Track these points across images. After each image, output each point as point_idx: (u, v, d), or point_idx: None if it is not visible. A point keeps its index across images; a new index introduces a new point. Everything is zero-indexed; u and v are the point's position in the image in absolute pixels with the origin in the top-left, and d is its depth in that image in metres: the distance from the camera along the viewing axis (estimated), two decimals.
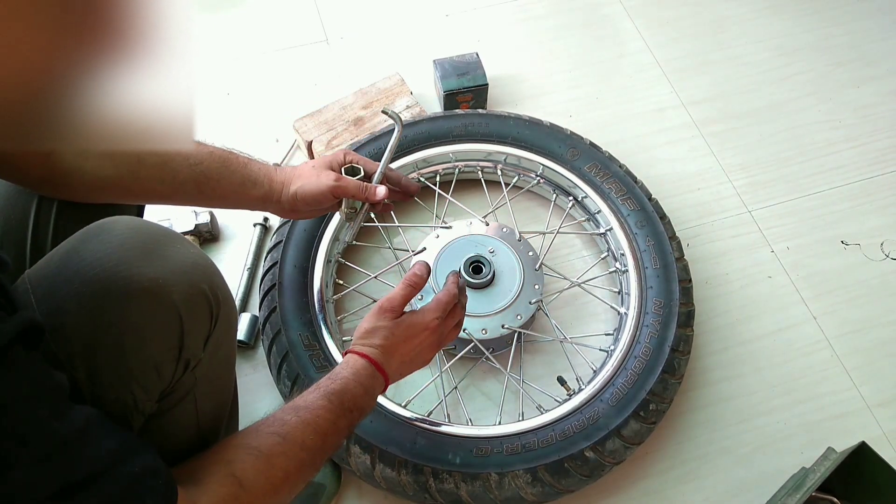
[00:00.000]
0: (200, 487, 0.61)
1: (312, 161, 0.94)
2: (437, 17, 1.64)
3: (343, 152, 0.96)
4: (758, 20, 1.67)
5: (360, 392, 0.78)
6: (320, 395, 0.74)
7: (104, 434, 0.52)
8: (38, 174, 0.73)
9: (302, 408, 0.72)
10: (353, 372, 0.79)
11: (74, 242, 0.63)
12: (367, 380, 0.80)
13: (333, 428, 0.72)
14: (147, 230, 0.65)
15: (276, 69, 1.54)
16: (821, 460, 1.03)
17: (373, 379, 0.80)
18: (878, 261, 1.33)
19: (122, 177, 0.78)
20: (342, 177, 0.92)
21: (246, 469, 0.64)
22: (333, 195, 0.91)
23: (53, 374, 0.51)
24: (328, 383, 0.76)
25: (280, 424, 0.69)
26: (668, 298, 1.12)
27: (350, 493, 1.06)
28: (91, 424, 0.51)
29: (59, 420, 0.48)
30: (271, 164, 0.92)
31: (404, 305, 0.88)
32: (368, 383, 0.79)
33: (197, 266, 0.66)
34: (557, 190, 1.30)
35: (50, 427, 0.47)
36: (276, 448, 0.66)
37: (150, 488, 0.53)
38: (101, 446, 0.51)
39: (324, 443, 0.71)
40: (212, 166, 0.84)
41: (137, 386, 0.63)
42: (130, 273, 0.61)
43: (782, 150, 1.47)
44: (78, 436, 0.49)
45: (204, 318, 0.68)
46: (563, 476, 0.98)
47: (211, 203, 0.89)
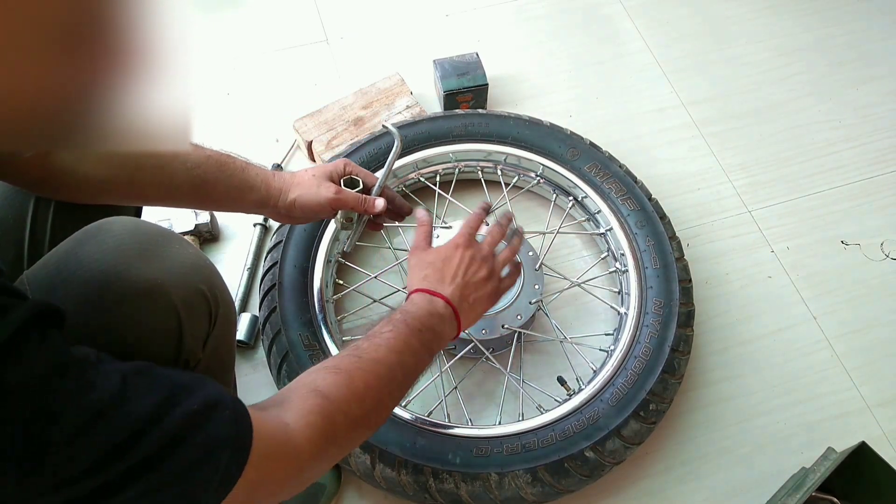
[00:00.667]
0: (286, 406, 0.61)
1: (312, 169, 0.94)
2: (437, 17, 1.64)
3: (343, 162, 0.97)
4: (758, 20, 1.67)
5: (423, 313, 0.79)
6: (385, 323, 0.76)
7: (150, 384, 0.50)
8: (36, 175, 0.73)
9: (372, 335, 0.73)
10: (410, 301, 0.82)
11: (73, 243, 0.63)
12: (424, 303, 0.81)
13: (406, 346, 0.73)
14: (145, 231, 0.65)
15: (276, 69, 1.54)
16: (821, 460, 1.03)
17: (430, 302, 0.82)
18: (878, 261, 1.33)
19: (118, 180, 0.77)
20: (342, 189, 0.93)
21: (328, 383, 0.64)
22: (332, 207, 0.93)
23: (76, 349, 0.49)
24: (391, 314, 0.78)
25: (354, 348, 0.71)
26: (668, 298, 1.12)
27: (350, 493, 1.06)
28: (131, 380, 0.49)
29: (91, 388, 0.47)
30: (269, 169, 0.92)
31: (427, 240, 0.91)
32: (427, 306, 0.81)
33: (196, 267, 0.66)
34: (557, 190, 1.30)
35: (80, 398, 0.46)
36: (354, 363, 0.68)
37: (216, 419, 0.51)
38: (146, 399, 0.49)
39: (401, 359, 0.72)
40: (209, 170, 0.84)
41: None
42: (129, 274, 0.61)
43: (782, 150, 1.47)
44: (114, 399, 0.47)
45: (203, 318, 0.68)
46: (563, 476, 0.98)
47: (208, 206, 0.90)
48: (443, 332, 0.81)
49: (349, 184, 0.96)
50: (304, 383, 0.64)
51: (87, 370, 0.48)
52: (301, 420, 0.59)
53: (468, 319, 0.86)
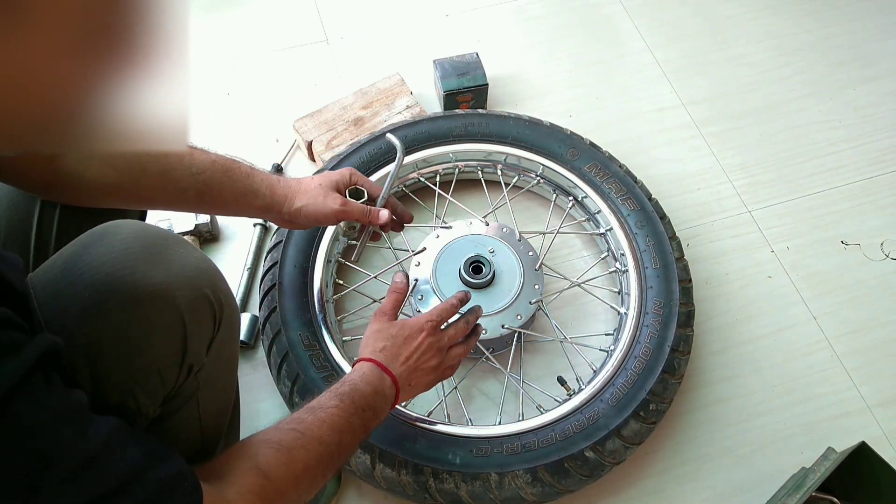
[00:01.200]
0: (226, 481, 0.62)
1: (318, 178, 0.95)
2: (437, 17, 1.64)
3: (349, 172, 0.97)
4: (758, 20, 1.67)
5: (370, 391, 0.80)
6: (332, 396, 0.76)
7: (128, 444, 0.53)
8: (42, 179, 0.73)
9: (316, 408, 0.74)
10: (360, 374, 0.82)
11: (78, 246, 0.63)
12: (374, 379, 0.82)
13: (348, 425, 0.74)
14: (150, 234, 0.65)
15: (276, 69, 1.54)
16: (821, 460, 1.03)
17: (380, 379, 0.83)
18: (878, 261, 1.33)
19: (124, 184, 0.78)
20: (347, 201, 0.94)
21: (269, 461, 0.65)
22: (338, 219, 0.94)
23: (73, 394, 0.51)
24: (338, 386, 0.78)
25: (298, 422, 0.71)
26: (668, 298, 1.12)
27: (350, 493, 1.06)
28: (114, 436, 0.52)
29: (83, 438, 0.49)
30: (274, 176, 0.93)
31: (395, 309, 0.93)
32: (377, 383, 0.82)
33: (200, 270, 0.66)
34: (557, 190, 1.30)
35: (74, 446, 0.48)
36: (296, 442, 0.68)
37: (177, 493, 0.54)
38: (126, 457, 0.52)
39: (340, 439, 0.72)
40: (214, 176, 0.84)
41: (141, 390, 0.63)
42: (134, 278, 0.61)
43: (782, 150, 1.47)
44: (102, 450, 0.50)
45: (207, 322, 0.68)
46: (563, 476, 0.98)
47: (212, 210, 0.91)
48: (382, 412, 0.82)
49: (354, 194, 0.97)
50: (246, 455, 0.65)
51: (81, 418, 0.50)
52: (242, 500, 0.61)
53: (404, 397, 0.88)
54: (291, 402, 1.04)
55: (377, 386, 0.82)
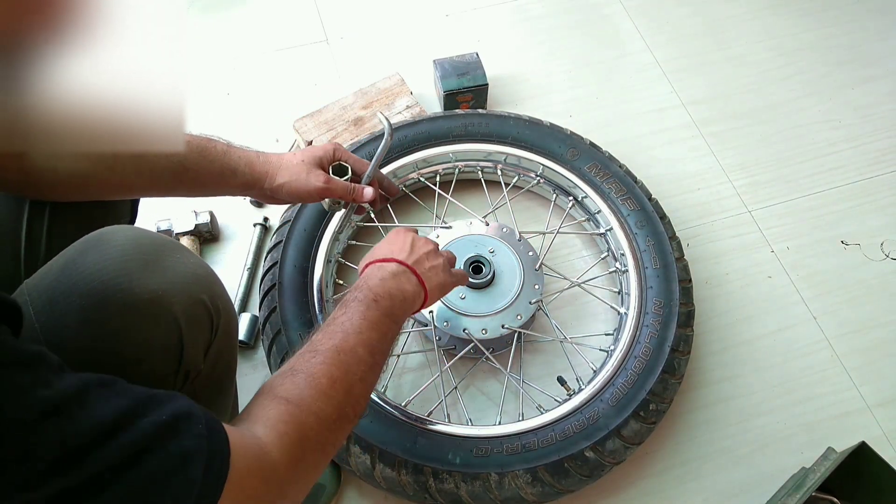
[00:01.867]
0: (251, 419, 0.58)
1: (301, 153, 0.92)
2: (437, 17, 1.64)
3: (333, 147, 0.94)
4: (758, 20, 1.67)
5: (374, 282, 0.76)
6: (336, 308, 0.73)
7: (113, 394, 0.47)
8: (14, 178, 0.71)
9: (325, 324, 0.71)
10: (361, 277, 0.80)
11: (73, 253, 0.63)
12: (373, 271, 0.79)
13: (364, 322, 0.70)
14: (147, 240, 0.64)
15: (276, 69, 1.54)
16: (821, 460, 1.03)
17: (380, 269, 0.80)
18: (878, 261, 1.33)
19: (98, 172, 0.75)
20: (331, 178, 0.92)
21: (288, 387, 0.61)
22: (321, 196, 0.92)
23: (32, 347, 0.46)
24: (343, 298, 0.75)
25: (309, 345, 0.68)
26: (668, 298, 1.12)
27: (350, 493, 1.06)
28: (92, 387, 0.46)
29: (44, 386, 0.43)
30: (253, 151, 0.90)
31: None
32: (377, 272, 0.79)
33: (197, 277, 0.66)
34: (557, 190, 1.30)
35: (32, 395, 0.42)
36: (311, 360, 0.65)
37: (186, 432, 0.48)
38: (110, 404, 0.46)
39: (361, 338, 0.69)
40: (189, 157, 0.81)
41: None
42: (130, 285, 0.60)
43: (782, 150, 1.47)
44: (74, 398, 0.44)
45: (204, 329, 0.67)
46: (563, 476, 0.98)
47: (191, 192, 0.87)
48: (404, 292, 0.78)
49: (337, 170, 0.95)
50: (265, 393, 0.62)
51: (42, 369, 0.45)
52: (271, 431, 0.57)
53: (431, 284, 0.83)
54: None
55: (380, 275, 0.78)
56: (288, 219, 1.18)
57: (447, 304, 1.11)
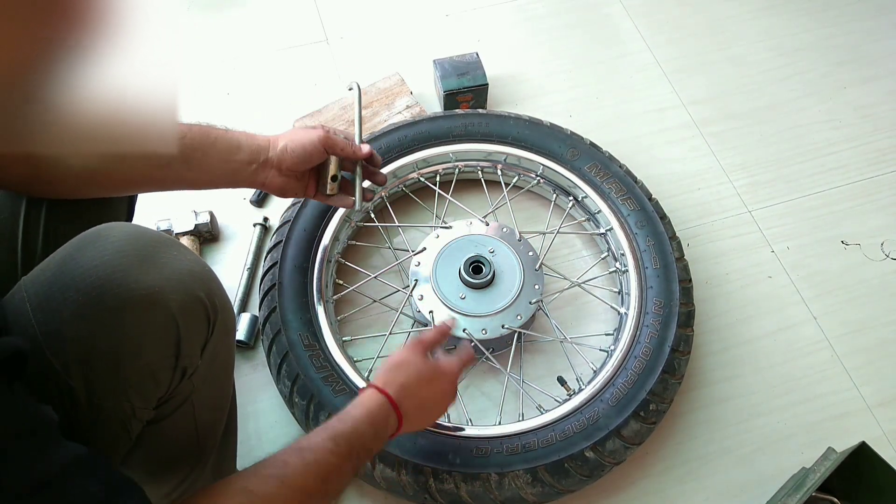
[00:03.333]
0: None
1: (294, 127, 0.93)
2: (437, 17, 1.64)
3: (323, 128, 0.93)
4: (758, 20, 1.67)
5: (371, 434, 0.74)
6: (327, 436, 0.69)
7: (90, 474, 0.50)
8: (22, 173, 0.71)
9: (306, 449, 0.67)
10: (367, 412, 0.75)
11: (70, 250, 0.63)
12: (380, 421, 0.76)
13: (337, 472, 0.68)
14: (143, 237, 0.64)
15: (276, 69, 1.54)
16: (821, 460, 1.03)
17: (386, 420, 0.77)
18: (879, 261, 1.33)
19: (107, 165, 0.75)
20: (331, 129, 0.92)
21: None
22: (323, 146, 0.90)
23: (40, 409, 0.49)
24: (337, 424, 0.71)
25: (281, 466, 0.64)
26: (668, 298, 1.12)
27: (350, 493, 1.06)
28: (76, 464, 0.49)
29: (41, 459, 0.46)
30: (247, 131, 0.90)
31: (433, 346, 0.89)
32: (381, 425, 0.76)
33: (193, 273, 0.66)
34: (557, 190, 1.30)
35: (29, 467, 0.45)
36: (275, 491, 0.62)
37: None
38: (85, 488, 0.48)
39: (326, 486, 0.66)
40: (195, 138, 0.82)
41: (135, 394, 0.63)
42: (127, 281, 0.60)
43: (782, 150, 1.46)
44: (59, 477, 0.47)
45: (201, 325, 0.67)
46: (564, 476, 0.98)
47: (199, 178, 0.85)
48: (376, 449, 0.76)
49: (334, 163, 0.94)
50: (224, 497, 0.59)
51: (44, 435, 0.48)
52: None
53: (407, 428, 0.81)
54: (291, 402, 1.04)
55: (381, 428, 0.76)
56: (288, 219, 1.18)
57: (447, 305, 1.11)
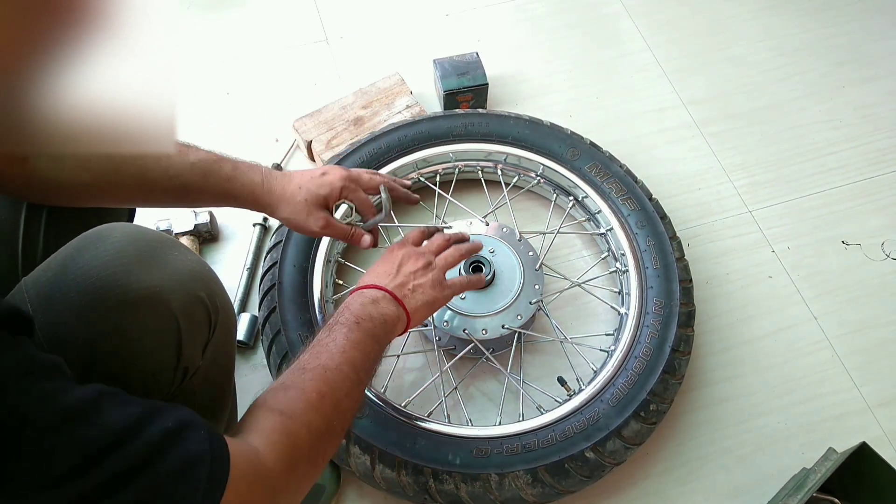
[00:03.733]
0: (247, 430, 0.60)
1: (307, 189, 0.89)
2: (437, 17, 1.64)
3: (341, 186, 0.92)
4: (758, 20, 1.67)
5: (355, 306, 0.79)
6: (320, 331, 0.76)
7: (123, 403, 0.49)
8: (17, 182, 0.72)
9: (311, 346, 0.73)
10: (344, 303, 0.81)
11: (71, 250, 0.63)
12: (355, 297, 0.81)
13: (348, 342, 0.73)
14: (144, 237, 0.64)
15: (276, 69, 1.53)
16: (821, 461, 1.03)
17: (360, 295, 0.82)
18: (879, 261, 1.33)
19: (98, 185, 0.76)
20: (331, 222, 0.91)
21: (280, 401, 0.63)
22: (319, 236, 0.95)
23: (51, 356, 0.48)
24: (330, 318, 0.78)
25: (297, 363, 0.70)
26: (668, 298, 1.12)
27: (350, 493, 1.06)
28: (105, 396, 0.48)
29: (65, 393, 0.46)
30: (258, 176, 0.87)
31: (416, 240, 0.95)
32: (358, 298, 0.81)
33: (194, 273, 0.66)
34: (558, 190, 1.30)
35: (55, 401, 0.45)
36: (300, 376, 0.67)
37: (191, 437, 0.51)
38: (122, 412, 0.48)
39: (345, 357, 0.71)
40: (192, 179, 0.81)
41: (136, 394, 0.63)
42: (128, 282, 0.60)
43: (782, 150, 1.46)
44: (91, 406, 0.47)
45: (202, 325, 0.67)
46: (564, 477, 0.98)
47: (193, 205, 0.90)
48: (384, 315, 0.80)
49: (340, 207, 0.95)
50: (258, 406, 0.63)
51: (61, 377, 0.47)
52: (265, 441, 0.59)
53: (414, 305, 0.84)
54: None
55: (360, 300, 0.80)
56: None
57: (447, 305, 1.11)
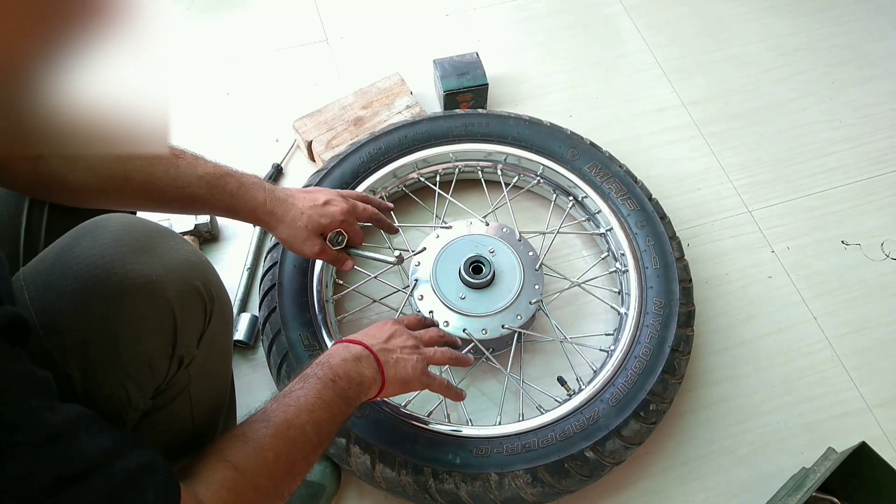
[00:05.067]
0: (197, 478, 0.61)
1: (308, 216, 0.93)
2: (437, 17, 1.64)
3: (341, 220, 0.96)
4: (757, 20, 1.67)
5: (336, 361, 0.79)
6: (297, 380, 0.76)
7: (97, 430, 0.51)
8: (26, 180, 0.73)
9: (281, 395, 0.73)
10: (326, 353, 0.82)
11: (69, 240, 0.63)
12: (339, 349, 0.82)
13: (318, 400, 0.73)
14: (141, 227, 0.65)
15: (276, 69, 1.54)
16: (821, 460, 1.03)
17: (345, 349, 0.83)
18: (879, 261, 1.33)
19: (107, 190, 0.78)
20: (324, 248, 0.97)
21: (237, 453, 0.64)
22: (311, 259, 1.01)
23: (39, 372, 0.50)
24: (305, 370, 0.78)
25: (263, 413, 0.70)
26: (668, 298, 1.12)
27: (350, 493, 1.06)
28: (83, 420, 0.50)
29: (51, 412, 0.47)
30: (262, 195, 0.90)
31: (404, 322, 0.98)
32: (342, 352, 0.82)
33: (190, 263, 0.66)
34: (557, 190, 1.30)
35: (42, 417, 0.46)
36: (263, 431, 0.67)
37: (149, 484, 0.52)
38: (96, 442, 0.50)
39: (311, 416, 0.71)
40: (199, 191, 0.84)
41: (131, 382, 0.63)
42: (124, 270, 0.61)
43: (782, 150, 1.46)
44: (70, 429, 0.48)
45: (198, 314, 0.68)
46: (564, 476, 0.98)
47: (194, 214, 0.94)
48: (362, 376, 0.80)
49: (332, 239, 0.98)
50: (215, 451, 0.64)
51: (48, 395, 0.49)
52: (212, 495, 0.60)
53: (392, 374, 0.84)
54: None
55: (343, 354, 0.81)
56: None
57: (447, 305, 1.11)
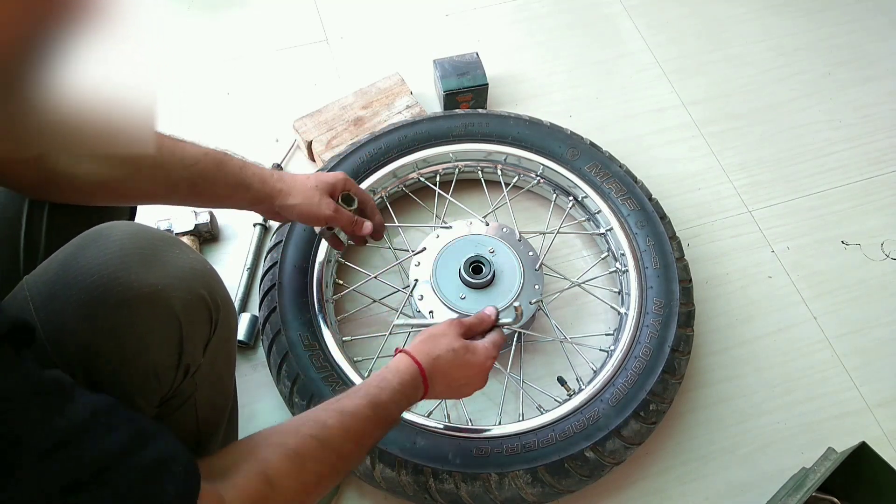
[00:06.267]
0: (228, 481, 0.58)
1: (314, 179, 0.95)
2: (437, 17, 1.64)
3: (344, 178, 0.99)
4: (757, 20, 1.67)
5: (404, 404, 0.77)
6: (367, 403, 0.72)
7: (114, 424, 0.50)
8: (31, 178, 0.72)
9: (347, 413, 0.70)
10: (401, 381, 0.77)
11: (73, 248, 0.63)
12: (410, 390, 0.78)
13: (371, 439, 0.72)
14: (145, 235, 0.64)
15: (276, 69, 1.54)
16: (821, 460, 1.03)
17: (415, 390, 0.79)
18: (879, 261, 1.33)
19: (115, 180, 0.77)
20: (339, 208, 0.97)
21: (279, 469, 0.61)
22: (327, 222, 0.97)
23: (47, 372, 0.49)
24: (377, 392, 0.74)
25: (320, 427, 0.67)
26: (668, 298, 1.12)
27: (350, 493, 1.06)
28: (98, 415, 0.49)
29: (59, 415, 0.47)
30: (267, 170, 0.93)
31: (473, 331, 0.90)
32: (411, 394, 0.78)
33: (196, 272, 0.66)
34: (557, 190, 1.30)
35: (47, 424, 0.46)
36: (313, 452, 0.65)
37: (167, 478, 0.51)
38: (111, 438, 0.49)
39: (359, 450, 0.70)
40: (207, 167, 0.84)
41: (137, 393, 0.63)
42: (129, 280, 0.60)
43: (782, 150, 1.46)
44: (81, 429, 0.47)
45: (203, 323, 0.67)
46: (564, 476, 0.98)
47: (203, 203, 0.90)
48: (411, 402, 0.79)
49: (345, 199, 1.00)
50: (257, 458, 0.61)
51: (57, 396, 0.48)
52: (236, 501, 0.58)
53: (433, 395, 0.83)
54: (291, 402, 1.03)
55: (411, 397, 0.78)
56: None
57: (447, 304, 1.11)
